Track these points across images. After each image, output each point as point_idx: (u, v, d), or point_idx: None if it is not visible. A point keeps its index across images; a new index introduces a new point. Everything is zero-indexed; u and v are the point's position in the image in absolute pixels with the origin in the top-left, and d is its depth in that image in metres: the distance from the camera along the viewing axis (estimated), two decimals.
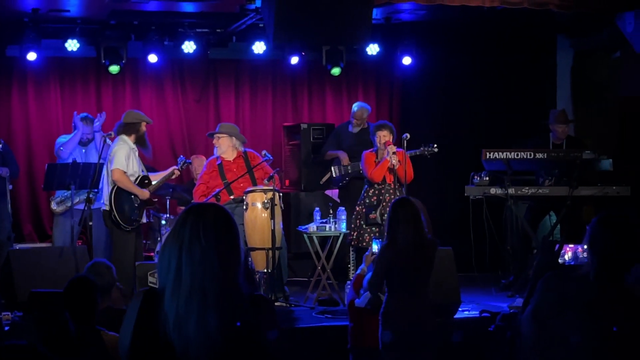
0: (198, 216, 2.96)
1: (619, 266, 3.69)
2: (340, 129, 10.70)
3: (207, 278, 2.88)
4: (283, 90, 11.95)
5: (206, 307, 2.86)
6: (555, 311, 3.64)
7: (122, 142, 8.86)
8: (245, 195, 8.83)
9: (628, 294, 3.69)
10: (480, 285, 9.62)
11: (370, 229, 9.01)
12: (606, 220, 3.75)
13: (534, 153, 9.33)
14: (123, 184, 8.75)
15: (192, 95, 11.70)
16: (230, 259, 2.94)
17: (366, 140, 10.34)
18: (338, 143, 10.53)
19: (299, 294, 9.39)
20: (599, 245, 3.70)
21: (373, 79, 12.20)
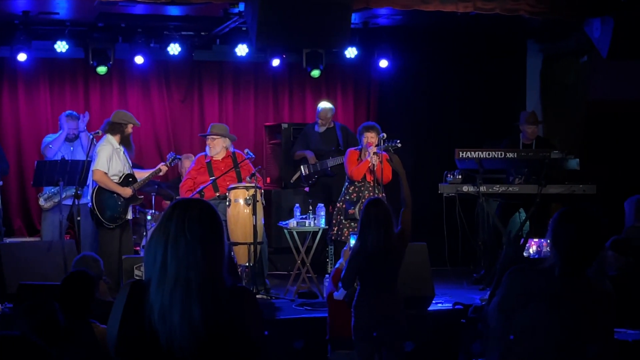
0: (184, 211, 2.95)
1: (581, 260, 3.69)
2: (307, 129, 10.71)
3: (191, 270, 2.87)
4: (265, 91, 11.94)
5: (190, 298, 2.85)
6: (520, 303, 3.65)
7: (106, 142, 8.86)
8: (228, 192, 8.83)
9: (589, 287, 3.70)
10: (453, 279, 9.65)
11: (350, 223, 9.03)
12: (567, 216, 3.74)
13: (505, 153, 9.36)
14: (104, 184, 8.75)
15: (177, 95, 11.67)
16: (214, 252, 2.94)
17: (332, 139, 10.39)
18: (306, 143, 10.54)
19: (280, 287, 9.39)
20: (561, 240, 3.70)
21: (351, 81, 12.21)
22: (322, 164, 10.36)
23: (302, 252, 9.18)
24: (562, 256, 3.68)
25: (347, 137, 10.46)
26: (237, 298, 2.94)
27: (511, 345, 3.66)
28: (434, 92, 12.03)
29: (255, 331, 2.94)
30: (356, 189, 9.21)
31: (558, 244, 3.71)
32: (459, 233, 9.19)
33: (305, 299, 8.63)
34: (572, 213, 3.75)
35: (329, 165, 10.35)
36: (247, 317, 2.93)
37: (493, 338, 3.77)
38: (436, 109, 12.06)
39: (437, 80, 11.98)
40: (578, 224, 3.70)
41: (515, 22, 10.23)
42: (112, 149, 8.84)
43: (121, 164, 8.92)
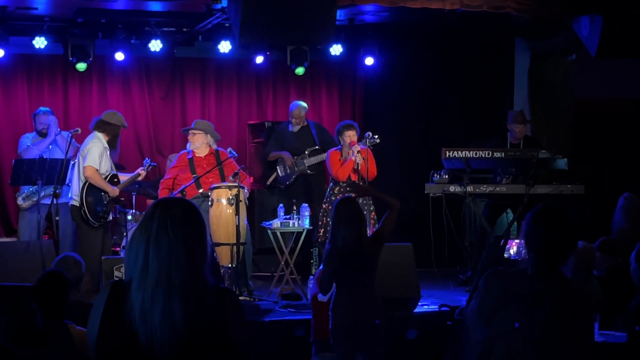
0: (166, 210, 2.97)
1: (555, 259, 3.70)
2: (280, 129, 10.70)
3: (173, 269, 2.88)
4: (248, 89, 11.93)
5: (172, 297, 2.86)
6: (498, 306, 3.66)
7: (97, 139, 8.86)
8: (211, 191, 8.82)
9: (566, 286, 3.72)
10: (439, 280, 9.68)
11: None
12: (540, 215, 3.75)
13: (492, 152, 9.37)
14: (95, 181, 8.74)
15: (159, 93, 11.64)
16: (197, 251, 2.95)
17: (307, 138, 10.39)
18: (280, 143, 10.54)
19: (263, 289, 9.40)
20: (534, 240, 3.71)
21: (336, 78, 12.21)
22: (299, 164, 10.37)
23: (285, 253, 9.19)
24: (535, 256, 3.70)
25: (322, 134, 10.47)
26: (219, 299, 2.94)
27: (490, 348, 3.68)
28: (421, 91, 12.06)
29: (238, 333, 2.95)
30: (341, 189, 9.24)
31: (531, 244, 3.73)
32: (445, 234, 9.19)
33: (289, 300, 8.64)
34: (543, 212, 3.75)
35: (306, 165, 10.36)
36: (229, 319, 2.93)
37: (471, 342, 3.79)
38: (423, 107, 12.09)
39: (423, 78, 12.01)
40: (549, 223, 3.71)
41: (502, 19, 10.27)
42: (103, 147, 8.85)
43: (109, 164, 8.94)
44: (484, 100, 12.01)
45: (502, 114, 10.74)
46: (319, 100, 12.03)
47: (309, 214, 9.19)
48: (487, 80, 12.09)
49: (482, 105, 11.97)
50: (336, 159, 9.29)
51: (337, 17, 9.07)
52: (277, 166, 10.51)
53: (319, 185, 10.44)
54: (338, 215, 5.99)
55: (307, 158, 10.38)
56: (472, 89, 12.05)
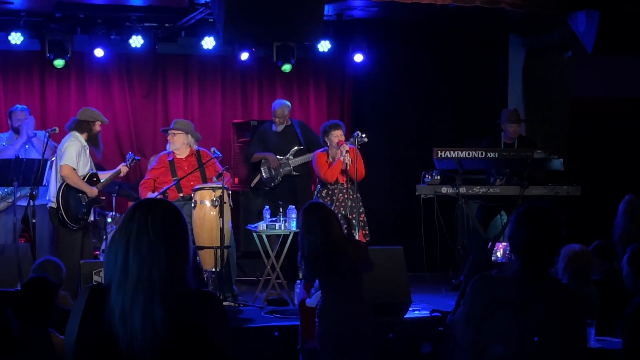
0: (146, 210, 2.98)
1: (540, 261, 3.70)
2: (263, 129, 10.68)
3: (154, 271, 2.89)
4: (233, 86, 11.91)
5: (153, 300, 2.87)
6: (487, 313, 3.66)
7: (74, 138, 8.86)
8: (194, 192, 8.80)
9: (556, 289, 3.72)
10: (431, 285, 9.71)
11: None
12: (523, 215, 3.75)
13: (485, 152, 9.40)
14: (72, 181, 8.73)
15: (140, 90, 11.62)
16: (178, 253, 2.96)
17: (291, 138, 10.39)
18: (263, 144, 10.53)
19: (248, 294, 9.39)
20: (517, 241, 3.72)
21: (324, 76, 12.20)
22: (284, 165, 10.36)
23: (272, 257, 9.19)
24: (521, 258, 3.70)
25: (306, 134, 10.48)
26: (202, 303, 2.95)
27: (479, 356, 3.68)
28: (412, 89, 12.07)
29: (222, 339, 2.96)
30: (329, 191, 9.26)
31: (514, 246, 3.73)
32: (437, 237, 9.20)
33: (275, 306, 8.65)
34: (526, 213, 3.75)
35: (292, 166, 10.36)
36: (212, 324, 2.94)
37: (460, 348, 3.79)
38: (414, 106, 12.11)
39: (414, 76, 12.02)
40: (532, 223, 3.71)
41: (496, 15, 10.29)
42: (80, 146, 8.84)
43: (88, 163, 8.94)
44: (477, 98, 12.03)
45: (495, 112, 10.77)
46: (306, 99, 12.03)
47: (295, 216, 9.18)
48: (480, 78, 12.12)
49: (475, 104, 11.99)
50: (323, 161, 9.29)
51: (324, 12, 9.06)
52: (262, 167, 10.50)
53: (304, 187, 10.44)
54: (301, 223, 6.04)
55: (292, 159, 10.37)
56: (464, 87, 12.08)
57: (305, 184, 10.49)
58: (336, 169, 9.16)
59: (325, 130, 9.31)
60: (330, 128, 9.26)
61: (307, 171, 10.49)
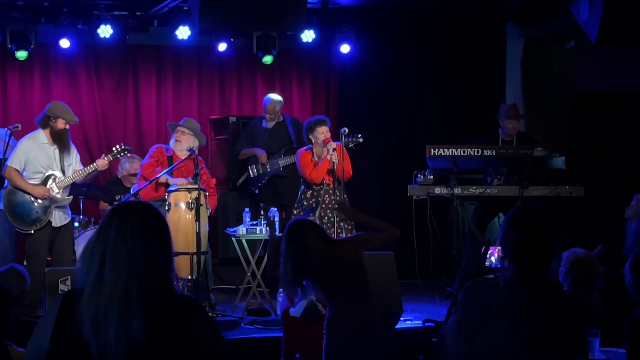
0: (124, 216, 3.01)
1: (535, 266, 3.70)
2: (253, 124, 10.68)
3: (131, 280, 2.93)
4: (210, 79, 11.91)
5: (129, 309, 2.90)
6: (480, 323, 3.65)
7: (30, 137, 8.86)
8: (168, 194, 8.79)
9: (554, 297, 3.72)
10: (424, 293, 9.72)
11: None
12: (513, 218, 3.75)
13: (482, 150, 9.42)
14: (13, 182, 8.75)
15: (109, 84, 11.59)
16: (158, 259, 3.00)
17: (282, 135, 10.38)
18: (252, 140, 10.53)
19: (227, 303, 9.40)
20: (508, 246, 3.72)
21: (308, 68, 12.21)
22: (273, 164, 10.35)
23: (252, 264, 9.19)
24: (515, 264, 3.70)
25: (299, 131, 10.45)
26: (185, 309, 2.99)
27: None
28: (403, 82, 12.08)
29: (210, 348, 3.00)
30: (315, 192, 9.24)
31: (506, 251, 3.73)
32: (430, 241, 9.22)
33: (255, 316, 8.62)
34: (517, 215, 3.75)
35: (280, 165, 10.34)
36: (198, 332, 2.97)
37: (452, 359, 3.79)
38: (405, 100, 12.12)
39: (406, 68, 12.03)
40: (524, 226, 3.71)
41: (493, 2, 10.32)
42: (34, 144, 8.79)
43: (46, 162, 8.86)
44: (473, 92, 12.06)
45: (493, 107, 10.78)
46: (289, 93, 12.01)
47: (278, 219, 9.16)
48: (476, 71, 12.14)
49: (471, 98, 12.01)
50: (308, 160, 9.26)
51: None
52: (249, 166, 10.49)
53: (293, 189, 10.40)
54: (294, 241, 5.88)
55: (281, 157, 10.36)
56: (459, 80, 12.10)
57: (294, 186, 10.45)
58: (322, 169, 9.14)
59: (309, 126, 9.27)
60: (315, 124, 9.24)
61: (297, 172, 10.48)
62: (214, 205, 9.35)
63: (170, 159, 9.26)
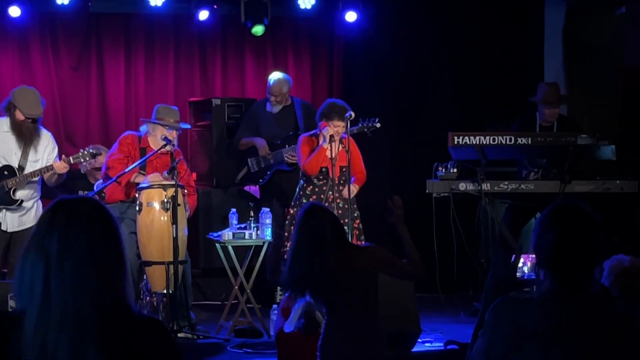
0: (67, 218, 2.96)
1: (577, 276, 3.67)
2: (256, 109, 10.70)
3: (83, 299, 2.89)
4: (189, 54, 11.90)
5: (83, 335, 2.87)
6: (512, 347, 3.62)
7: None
8: (139, 192, 8.79)
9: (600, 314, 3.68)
10: (446, 309, 9.75)
11: None
12: (549, 218, 3.73)
13: (515, 137, 9.39)
14: None
15: (68, 60, 11.57)
16: (112, 270, 2.96)
17: (289, 121, 10.36)
18: (254, 127, 10.54)
19: (210, 322, 9.44)
20: (544, 251, 3.70)
21: (307, 41, 12.22)
22: (277, 156, 10.32)
23: (240, 275, 9.21)
24: (551, 273, 3.68)
25: (309, 117, 10.45)
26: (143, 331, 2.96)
27: None
28: (420, 57, 12.08)
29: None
30: (316, 188, 9.25)
31: (543, 259, 3.71)
32: (454, 247, 9.22)
33: (244, 338, 8.67)
34: (553, 215, 3.73)
35: (285, 157, 10.33)
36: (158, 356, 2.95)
37: None
38: (422, 79, 12.11)
39: (424, 41, 12.02)
40: (562, 227, 3.69)
41: None
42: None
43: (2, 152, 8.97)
44: (505, 69, 12.06)
45: (529, 87, 10.75)
46: (283, 70, 11.94)
47: (271, 221, 9.15)
48: (509, 43, 12.14)
49: (502, 77, 12.02)
50: (307, 148, 9.23)
51: None
52: (248, 158, 10.50)
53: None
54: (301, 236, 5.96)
55: (286, 147, 10.36)
56: (488, 55, 12.10)
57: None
58: (316, 159, 9.11)
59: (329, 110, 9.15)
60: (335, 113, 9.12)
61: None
62: (193, 205, 9.35)
63: (143, 150, 9.26)
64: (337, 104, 9.28)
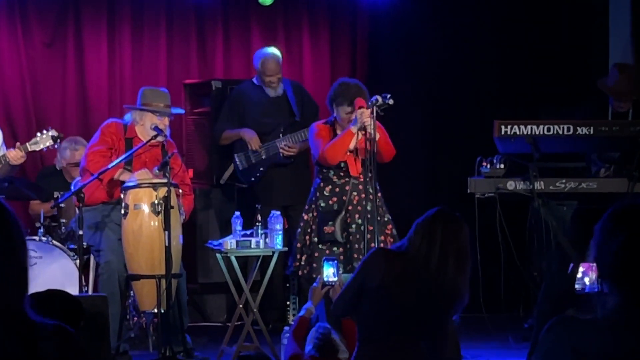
0: None
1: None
2: (239, 93, 10.76)
3: None
4: (184, 29, 11.97)
5: None
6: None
7: None
8: (124, 192, 8.81)
9: None
10: (492, 332, 9.68)
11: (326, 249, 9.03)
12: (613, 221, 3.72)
13: (574, 126, 9.31)
14: None
15: (41, 36, 11.63)
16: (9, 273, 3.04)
17: (282, 107, 10.35)
18: (239, 115, 10.58)
19: (210, 348, 9.54)
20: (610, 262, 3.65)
21: (325, 12, 12.28)
22: (270, 149, 10.31)
23: (245, 291, 9.22)
24: (618, 287, 3.64)
25: (302, 100, 10.51)
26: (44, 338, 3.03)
27: None
28: (460, 32, 12.16)
29: None
30: (335, 188, 9.20)
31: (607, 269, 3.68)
32: (501, 257, 9.16)
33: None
34: (618, 216, 3.72)
35: (280, 149, 10.32)
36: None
37: None
38: (462, 57, 12.18)
39: (465, 13, 12.13)
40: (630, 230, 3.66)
41: None
42: None
43: None
44: (561, 45, 12.09)
45: (592, 67, 10.70)
46: (298, 48, 12.03)
47: (282, 227, 9.12)
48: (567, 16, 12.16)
49: (559, 54, 12.06)
50: (325, 137, 9.15)
51: None
52: (235, 154, 10.54)
53: (299, 183, 10.38)
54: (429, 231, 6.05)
55: (280, 138, 10.36)
56: (542, 30, 12.13)
57: (301, 179, 10.42)
58: (343, 143, 9.02)
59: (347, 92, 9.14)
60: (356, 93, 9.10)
61: (304, 158, 10.44)
62: (189, 208, 9.39)
63: (129, 142, 9.27)
64: (351, 84, 9.26)
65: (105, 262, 8.89)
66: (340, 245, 8.94)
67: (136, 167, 9.15)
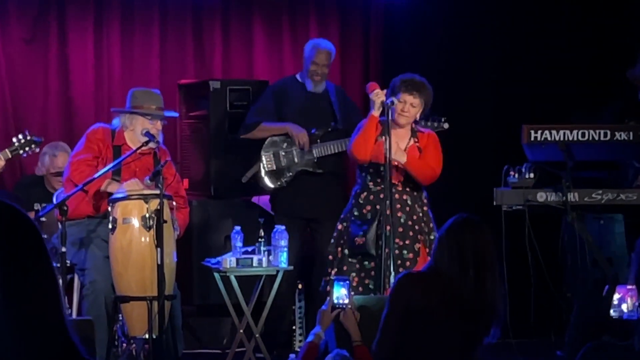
0: None
1: None
2: (284, 86, 10.73)
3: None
4: (179, 22, 11.99)
5: None
6: None
7: None
8: (112, 205, 8.79)
9: None
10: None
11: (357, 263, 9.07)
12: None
13: (612, 131, 9.32)
14: None
15: (20, 32, 11.62)
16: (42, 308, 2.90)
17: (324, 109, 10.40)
18: (278, 109, 10.53)
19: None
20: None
21: (335, 5, 12.34)
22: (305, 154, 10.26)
23: (246, 314, 9.27)
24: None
25: (345, 106, 10.45)
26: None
27: None
28: (486, 26, 12.19)
29: None
30: (370, 196, 9.27)
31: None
32: (530, 276, 9.13)
33: None
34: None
35: (315, 155, 10.36)
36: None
37: None
38: (487, 56, 12.20)
39: (490, 6, 12.12)
40: None
41: None
42: None
43: None
44: (599, 42, 12.08)
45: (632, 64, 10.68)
46: (304, 42, 11.94)
47: (287, 243, 9.09)
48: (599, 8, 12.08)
49: (594, 50, 12.05)
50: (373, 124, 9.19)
51: None
52: (263, 152, 10.50)
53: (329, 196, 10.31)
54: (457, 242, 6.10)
55: (317, 143, 10.36)
56: (572, 24, 12.13)
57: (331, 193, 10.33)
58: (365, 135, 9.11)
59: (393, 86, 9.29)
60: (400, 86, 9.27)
61: (338, 168, 10.39)
62: (184, 223, 9.37)
63: (117, 149, 9.26)
64: (416, 79, 9.43)
65: (90, 282, 8.86)
66: (372, 259, 8.89)
67: (125, 177, 9.13)
